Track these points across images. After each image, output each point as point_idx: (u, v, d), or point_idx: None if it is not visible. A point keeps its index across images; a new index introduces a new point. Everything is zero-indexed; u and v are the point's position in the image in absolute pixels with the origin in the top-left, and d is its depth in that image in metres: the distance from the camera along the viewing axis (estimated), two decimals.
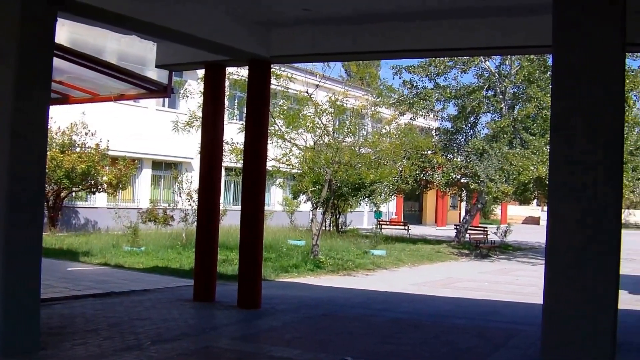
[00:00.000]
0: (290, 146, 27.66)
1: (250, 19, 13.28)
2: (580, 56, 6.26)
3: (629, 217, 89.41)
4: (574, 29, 6.29)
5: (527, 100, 36.63)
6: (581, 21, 6.27)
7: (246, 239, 14.30)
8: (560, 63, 6.40)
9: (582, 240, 6.15)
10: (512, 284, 23.67)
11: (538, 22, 10.78)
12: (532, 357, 10.28)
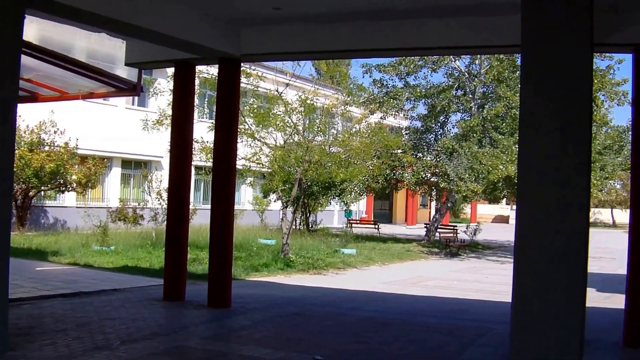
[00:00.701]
0: (260, 145, 27.64)
1: (220, 17, 13.25)
2: (549, 56, 6.29)
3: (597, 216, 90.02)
4: (542, 28, 6.32)
5: (497, 100, 36.82)
6: (549, 21, 6.30)
7: (216, 238, 14.27)
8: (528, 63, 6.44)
9: (550, 239, 6.18)
10: (482, 282, 23.76)
11: (507, 22, 10.83)
12: (502, 355, 10.32)
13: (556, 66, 6.26)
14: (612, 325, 13.17)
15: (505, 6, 11.04)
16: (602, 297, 19.12)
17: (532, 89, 6.33)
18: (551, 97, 6.25)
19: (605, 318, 14.49)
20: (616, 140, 35.85)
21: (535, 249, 6.20)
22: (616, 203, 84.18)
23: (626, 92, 34.36)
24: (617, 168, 35.83)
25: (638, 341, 11.41)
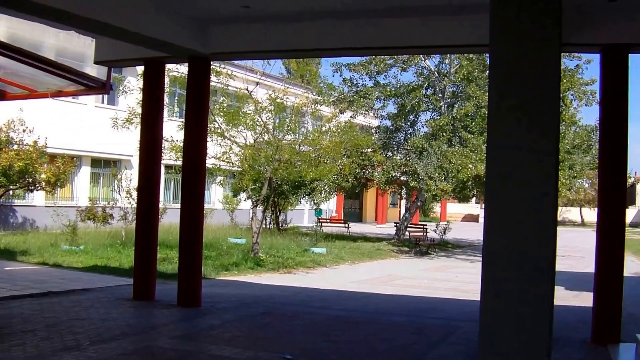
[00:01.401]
0: (230, 144, 27.55)
1: (189, 16, 13.22)
2: (517, 55, 6.32)
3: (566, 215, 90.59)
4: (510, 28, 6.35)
5: (466, 99, 36.98)
6: (518, 20, 6.33)
7: (186, 237, 14.25)
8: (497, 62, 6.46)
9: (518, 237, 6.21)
10: (451, 281, 23.85)
11: (477, 21, 10.87)
12: (470, 354, 10.37)
13: (524, 65, 6.29)
14: (580, 323, 13.30)
15: (474, 6, 11.10)
16: (571, 295, 19.27)
17: (499, 89, 6.36)
18: (519, 97, 6.28)
19: (573, 316, 14.62)
20: (585, 140, 36.08)
21: (503, 248, 6.23)
22: (585, 202, 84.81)
23: (594, 91, 34.60)
24: (585, 167, 36.07)
25: (605, 338, 11.51)
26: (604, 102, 12.18)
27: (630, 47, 11.79)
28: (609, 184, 11.99)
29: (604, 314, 11.75)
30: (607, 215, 11.90)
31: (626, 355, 10.75)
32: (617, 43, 11.68)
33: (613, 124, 11.96)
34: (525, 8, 6.34)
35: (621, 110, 11.82)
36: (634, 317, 14.85)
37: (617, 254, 11.74)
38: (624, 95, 11.83)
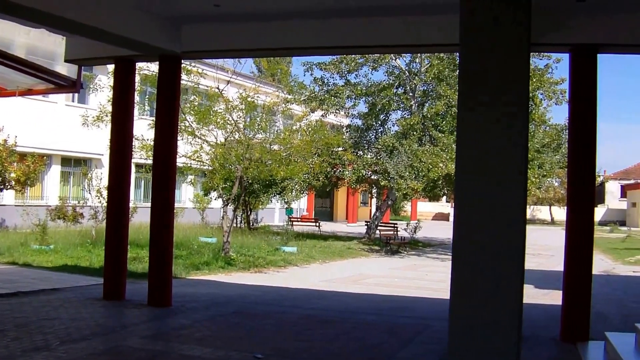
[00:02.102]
0: (200, 143, 27.49)
1: (160, 14, 13.18)
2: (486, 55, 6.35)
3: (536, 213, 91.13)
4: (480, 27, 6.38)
5: (437, 98, 37.10)
6: (487, 20, 6.36)
7: (156, 236, 14.22)
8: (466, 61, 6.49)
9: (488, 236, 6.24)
10: (422, 279, 23.92)
11: (447, 21, 10.92)
12: (440, 352, 10.42)
13: (493, 65, 6.33)
14: (549, 321, 13.40)
15: (444, 5, 11.14)
16: (540, 293, 19.39)
17: (469, 87, 6.39)
18: (488, 96, 6.31)
19: (543, 314, 14.72)
20: (554, 139, 36.29)
21: (473, 247, 6.25)
22: (554, 200, 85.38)
23: (564, 91, 34.82)
24: (555, 166, 36.28)
25: (575, 336, 11.60)
26: (573, 101, 12.28)
27: (599, 47, 11.89)
28: (577, 182, 12.07)
29: (573, 312, 11.83)
30: (576, 214, 11.99)
31: (595, 353, 10.84)
32: (586, 43, 11.76)
33: (582, 123, 12.04)
34: (494, 8, 6.37)
35: (590, 110, 11.91)
36: (603, 315, 14.96)
37: (586, 252, 11.83)
38: (593, 95, 11.92)
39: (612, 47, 12.19)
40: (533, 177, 33.97)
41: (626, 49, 12.70)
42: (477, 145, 6.29)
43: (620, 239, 50.82)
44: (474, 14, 6.42)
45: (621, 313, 15.92)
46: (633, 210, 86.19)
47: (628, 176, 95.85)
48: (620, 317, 15.18)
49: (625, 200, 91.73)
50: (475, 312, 6.20)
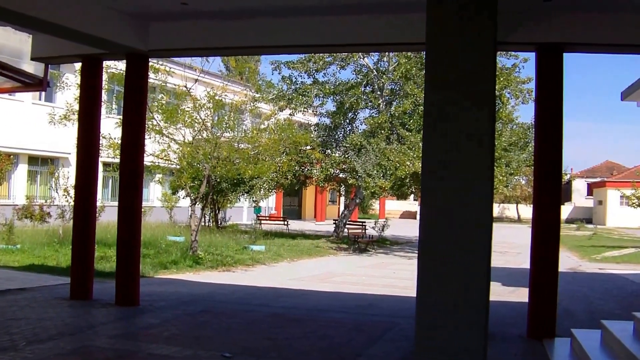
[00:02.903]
0: (168, 141, 27.39)
1: (127, 12, 13.13)
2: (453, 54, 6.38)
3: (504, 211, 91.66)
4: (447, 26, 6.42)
5: (404, 97, 37.21)
6: (454, 19, 6.40)
7: (124, 235, 14.17)
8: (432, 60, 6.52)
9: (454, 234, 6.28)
10: (390, 277, 23.98)
11: (414, 20, 10.97)
12: (408, 350, 10.46)
13: (460, 63, 6.36)
14: (516, 318, 13.49)
15: (411, 4, 11.19)
16: (507, 290, 19.50)
17: (435, 86, 6.42)
18: (455, 94, 6.35)
19: (510, 311, 14.81)
20: (521, 137, 36.53)
21: (439, 244, 6.29)
22: (521, 198, 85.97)
23: (530, 90, 35.04)
24: (522, 164, 36.52)
25: (541, 333, 11.69)
26: (540, 100, 12.36)
27: (565, 46, 11.98)
28: (544, 180, 12.16)
29: (539, 309, 11.93)
30: (542, 212, 12.08)
31: (561, 349, 10.92)
32: (552, 42, 11.85)
33: (548, 122, 12.13)
34: (461, 7, 6.41)
35: (556, 108, 12.00)
36: (569, 312, 15.10)
37: (552, 250, 11.92)
38: (559, 93, 12.02)
39: (578, 46, 12.29)
40: (500, 176, 34.17)
41: (592, 47, 12.83)
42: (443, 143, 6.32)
43: (587, 237, 51.30)
44: (440, 13, 6.45)
45: (587, 310, 16.06)
46: (599, 208, 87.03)
47: (594, 174, 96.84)
48: (587, 314, 15.31)
49: (591, 198, 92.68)
50: (442, 309, 6.23)
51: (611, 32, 11.72)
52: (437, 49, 6.49)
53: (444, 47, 6.44)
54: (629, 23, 11.57)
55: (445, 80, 6.42)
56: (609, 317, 12.51)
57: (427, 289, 6.31)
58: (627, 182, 64.55)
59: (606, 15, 11.59)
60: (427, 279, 6.32)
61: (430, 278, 6.29)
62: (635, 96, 20.30)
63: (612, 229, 70.61)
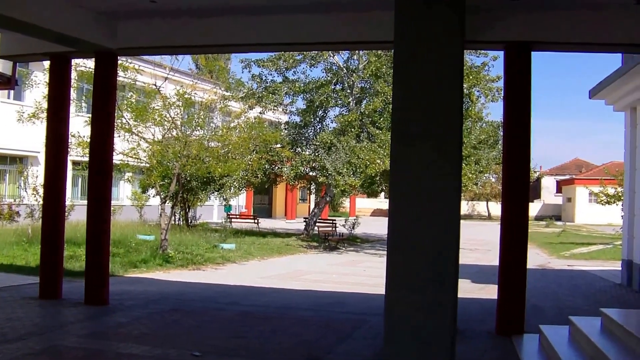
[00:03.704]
0: (138, 140, 27.29)
1: (96, 10, 13.07)
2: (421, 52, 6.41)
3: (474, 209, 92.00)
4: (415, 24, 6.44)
5: (375, 95, 37.25)
6: (422, 17, 6.42)
7: (93, 234, 14.11)
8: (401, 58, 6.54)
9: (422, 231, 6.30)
10: (360, 275, 24.03)
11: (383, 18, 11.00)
12: (377, 347, 10.50)
13: (428, 62, 6.39)
14: (485, 315, 13.56)
15: (381, 2, 11.22)
16: (477, 287, 19.60)
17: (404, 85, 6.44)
18: (423, 92, 6.37)
19: (479, 308, 14.90)
20: (491, 135, 36.70)
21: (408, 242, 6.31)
22: (491, 196, 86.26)
23: (500, 88, 35.16)
24: (491, 162, 36.67)
25: (510, 330, 11.77)
26: (508, 98, 12.43)
27: (533, 44, 12.06)
28: (512, 178, 12.24)
29: (508, 306, 12.00)
30: (511, 209, 12.15)
31: (529, 345, 11.00)
32: (520, 40, 11.93)
33: (516, 120, 12.21)
34: (429, 5, 6.43)
35: (524, 106, 12.08)
36: (538, 308, 15.19)
37: (521, 247, 12.00)
38: (527, 92, 12.09)
39: (546, 44, 12.36)
40: (470, 173, 34.32)
41: (560, 46, 12.92)
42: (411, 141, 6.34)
43: (556, 234, 51.60)
44: (408, 11, 6.47)
45: (556, 306, 16.17)
46: (568, 205, 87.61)
47: (563, 172, 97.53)
48: (555, 310, 15.42)
49: (560, 195, 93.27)
50: (411, 306, 6.26)
51: (579, 30, 11.81)
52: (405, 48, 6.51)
53: (412, 46, 6.46)
54: (597, 21, 11.67)
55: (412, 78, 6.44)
56: (577, 313, 12.62)
57: (395, 286, 6.34)
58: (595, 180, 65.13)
59: (574, 13, 11.68)
60: (395, 276, 6.34)
61: (399, 275, 6.31)
62: (603, 94, 20.49)
63: (581, 225, 71.07)
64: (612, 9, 11.57)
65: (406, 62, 6.47)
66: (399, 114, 6.47)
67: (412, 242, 6.27)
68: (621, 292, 19.25)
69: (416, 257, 6.24)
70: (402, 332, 6.26)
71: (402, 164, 6.37)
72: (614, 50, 14.26)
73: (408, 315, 6.25)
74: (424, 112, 6.32)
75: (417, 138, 6.28)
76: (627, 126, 20.65)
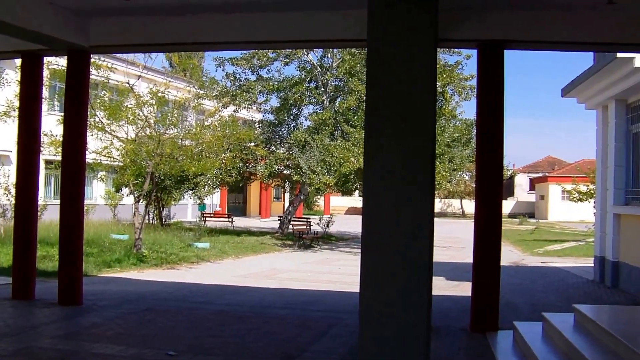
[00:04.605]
0: (111, 138, 27.19)
1: (68, 8, 12.99)
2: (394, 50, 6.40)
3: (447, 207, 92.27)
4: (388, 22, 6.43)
5: (348, 93, 37.26)
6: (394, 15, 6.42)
7: (66, 234, 14.04)
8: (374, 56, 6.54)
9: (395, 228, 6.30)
10: (335, 273, 24.05)
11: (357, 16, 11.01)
12: (353, 346, 10.51)
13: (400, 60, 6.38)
14: (460, 312, 13.63)
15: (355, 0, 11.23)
16: (451, 285, 19.68)
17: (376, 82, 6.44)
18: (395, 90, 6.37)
19: (453, 305, 14.96)
20: (464, 133, 36.84)
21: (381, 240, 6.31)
22: (465, 194, 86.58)
23: (473, 87, 35.30)
24: (465, 160, 36.84)
25: (484, 326, 11.83)
26: (481, 96, 12.48)
27: (506, 43, 12.12)
28: (485, 176, 12.30)
29: (482, 303, 12.06)
30: (484, 207, 12.21)
31: (503, 342, 11.06)
32: (492, 39, 12.00)
33: (489, 118, 12.26)
34: (402, 3, 6.43)
35: (497, 105, 12.13)
36: (512, 305, 15.29)
37: (495, 244, 12.06)
38: (500, 90, 12.15)
39: (518, 43, 12.42)
40: (443, 171, 34.47)
41: (532, 45, 13.02)
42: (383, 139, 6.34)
43: (529, 231, 51.92)
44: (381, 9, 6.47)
45: (529, 302, 16.27)
46: (541, 203, 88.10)
47: (536, 169, 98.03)
48: (529, 307, 15.51)
49: (533, 193, 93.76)
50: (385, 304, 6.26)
51: (551, 29, 11.90)
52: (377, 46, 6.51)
53: (385, 44, 6.45)
54: (568, 21, 11.77)
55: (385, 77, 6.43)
56: (550, 309, 12.70)
57: (369, 284, 6.34)
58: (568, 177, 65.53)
59: (546, 13, 11.78)
60: (369, 274, 6.34)
61: (373, 273, 6.31)
62: (575, 92, 20.63)
63: (554, 223, 71.47)
64: (583, 9, 11.68)
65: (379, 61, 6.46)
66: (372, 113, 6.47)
67: (385, 240, 6.27)
68: (594, 288, 19.40)
69: (390, 255, 6.24)
70: (377, 330, 6.26)
71: (375, 162, 6.36)
72: (585, 49, 14.36)
73: (382, 313, 6.25)
74: (397, 111, 6.31)
75: (390, 137, 6.28)
76: (599, 124, 20.81)
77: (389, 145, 6.29)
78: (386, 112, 6.33)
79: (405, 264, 6.20)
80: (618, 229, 19.16)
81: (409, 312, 6.18)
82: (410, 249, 6.20)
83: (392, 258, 6.22)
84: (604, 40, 12.13)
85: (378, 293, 6.29)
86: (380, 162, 6.33)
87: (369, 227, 6.35)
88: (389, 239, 6.26)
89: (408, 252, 6.20)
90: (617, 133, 19.18)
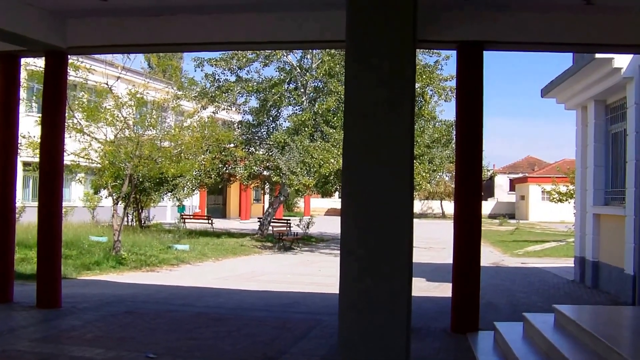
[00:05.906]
0: (89, 140, 27.08)
1: (45, 8, 12.91)
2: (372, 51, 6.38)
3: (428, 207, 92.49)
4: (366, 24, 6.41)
5: (328, 94, 37.26)
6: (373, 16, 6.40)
7: (44, 236, 13.94)
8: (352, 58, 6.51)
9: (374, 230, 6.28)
10: (315, 275, 24.01)
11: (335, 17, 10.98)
12: (333, 347, 10.49)
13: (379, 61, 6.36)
14: (440, 313, 13.64)
15: (333, 2, 11.21)
16: (432, 286, 19.68)
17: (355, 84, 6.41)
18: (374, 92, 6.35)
19: (434, 306, 14.97)
20: (444, 134, 36.92)
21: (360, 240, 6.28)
22: (445, 195, 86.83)
23: (453, 87, 35.36)
24: (445, 161, 36.93)
25: (465, 327, 11.84)
26: (460, 97, 12.50)
27: (485, 43, 12.14)
28: (464, 176, 12.31)
29: (462, 304, 12.07)
30: (463, 207, 12.23)
31: (484, 342, 11.08)
32: (472, 40, 12.01)
33: (469, 118, 12.27)
34: (380, 3, 6.41)
35: (476, 105, 12.15)
36: (493, 305, 15.31)
37: (475, 245, 12.07)
38: (479, 90, 12.17)
39: (498, 44, 12.46)
40: (423, 172, 34.53)
41: (511, 46, 13.07)
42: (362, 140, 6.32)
43: (509, 232, 52.13)
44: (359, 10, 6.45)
45: (510, 303, 16.31)
46: (521, 203, 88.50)
47: (516, 170, 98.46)
48: (509, 307, 15.56)
49: (513, 193, 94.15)
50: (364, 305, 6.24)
51: (530, 30, 11.95)
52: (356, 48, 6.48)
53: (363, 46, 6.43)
54: (547, 22, 11.82)
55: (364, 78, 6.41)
56: (530, 309, 12.76)
57: (349, 286, 6.32)
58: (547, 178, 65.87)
59: (525, 14, 11.83)
60: (348, 275, 6.32)
61: (352, 274, 6.29)
62: (554, 93, 20.72)
63: (534, 223, 71.78)
64: (561, 11, 11.73)
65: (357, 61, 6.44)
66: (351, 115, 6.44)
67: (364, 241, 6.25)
68: (574, 288, 19.47)
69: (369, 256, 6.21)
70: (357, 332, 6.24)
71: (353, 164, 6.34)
72: (563, 50, 14.44)
73: (362, 315, 6.22)
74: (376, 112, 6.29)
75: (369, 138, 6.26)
76: (578, 124, 20.90)
77: (367, 145, 6.27)
78: (364, 114, 6.31)
79: (385, 266, 6.17)
80: (598, 229, 19.25)
81: (389, 314, 6.16)
82: (389, 249, 6.17)
83: (371, 260, 6.20)
84: (582, 40, 12.19)
85: (357, 295, 6.26)
86: (359, 165, 6.31)
87: (348, 229, 6.33)
88: (368, 242, 6.23)
89: (387, 252, 6.17)
90: (597, 133, 19.27)
